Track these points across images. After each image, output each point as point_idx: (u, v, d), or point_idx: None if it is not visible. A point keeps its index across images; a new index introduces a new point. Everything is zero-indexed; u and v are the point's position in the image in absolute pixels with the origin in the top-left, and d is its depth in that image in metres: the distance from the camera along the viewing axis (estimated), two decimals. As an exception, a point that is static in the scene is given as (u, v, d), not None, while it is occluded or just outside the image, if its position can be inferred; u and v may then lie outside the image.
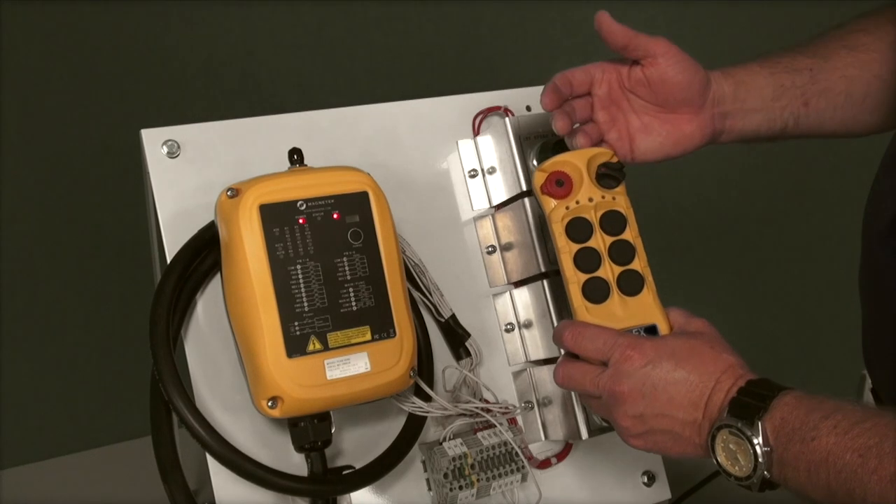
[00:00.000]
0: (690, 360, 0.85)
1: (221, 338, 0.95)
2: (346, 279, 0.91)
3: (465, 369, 1.03)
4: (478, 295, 1.09)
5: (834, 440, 0.75)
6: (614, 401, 0.87)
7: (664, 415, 0.85)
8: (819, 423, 0.76)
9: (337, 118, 1.05)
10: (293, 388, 0.88)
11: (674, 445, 0.86)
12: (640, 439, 0.88)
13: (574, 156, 0.96)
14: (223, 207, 0.91)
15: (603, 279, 0.93)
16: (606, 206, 0.95)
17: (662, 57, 0.96)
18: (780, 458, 0.78)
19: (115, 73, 1.48)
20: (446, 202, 1.09)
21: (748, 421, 0.80)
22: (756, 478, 0.80)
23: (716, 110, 1.00)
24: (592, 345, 0.89)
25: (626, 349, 0.87)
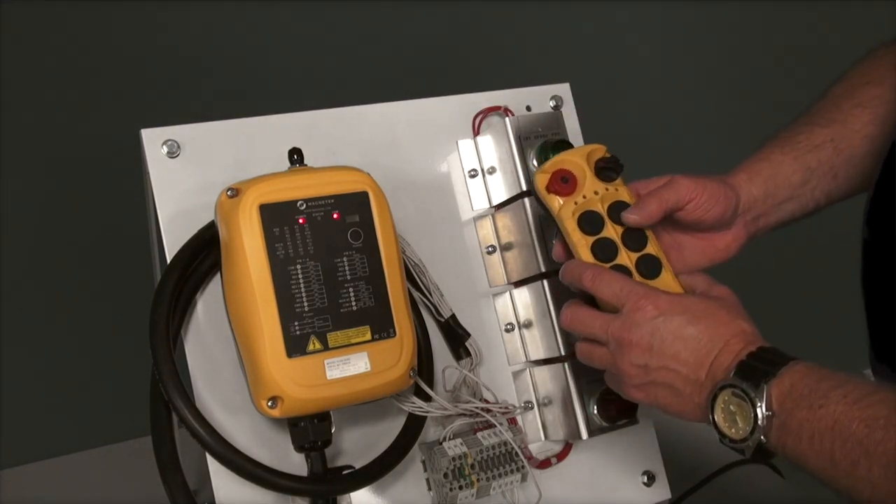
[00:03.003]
0: (703, 320, 0.86)
1: (221, 338, 0.94)
2: (346, 279, 0.91)
3: (465, 369, 1.03)
4: (478, 295, 1.08)
5: (842, 409, 0.74)
6: (620, 348, 0.87)
7: (668, 368, 0.85)
8: (829, 392, 0.76)
9: (337, 118, 1.05)
10: (293, 387, 0.87)
11: (672, 401, 0.86)
12: (640, 390, 0.88)
13: (572, 154, 0.97)
14: (223, 207, 0.90)
15: (623, 266, 0.94)
16: (612, 197, 0.96)
17: (690, 203, 0.96)
18: (783, 423, 0.78)
19: (114, 72, 1.48)
20: (446, 202, 1.09)
21: (753, 383, 0.79)
22: (752, 441, 0.80)
23: (748, 217, 1.01)
24: (609, 288, 0.89)
25: (640, 298, 0.87)
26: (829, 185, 1.03)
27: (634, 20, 1.93)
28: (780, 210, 1.03)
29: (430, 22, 1.69)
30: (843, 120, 1.03)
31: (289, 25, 1.59)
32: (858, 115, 1.03)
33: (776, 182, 1.02)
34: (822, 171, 1.03)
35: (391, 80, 1.63)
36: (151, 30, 1.50)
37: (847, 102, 1.04)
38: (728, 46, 2.04)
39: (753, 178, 1.02)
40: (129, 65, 1.49)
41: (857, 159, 1.03)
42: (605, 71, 1.85)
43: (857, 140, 1.02)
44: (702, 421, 0.85)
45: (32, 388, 1.51)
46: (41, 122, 1.45)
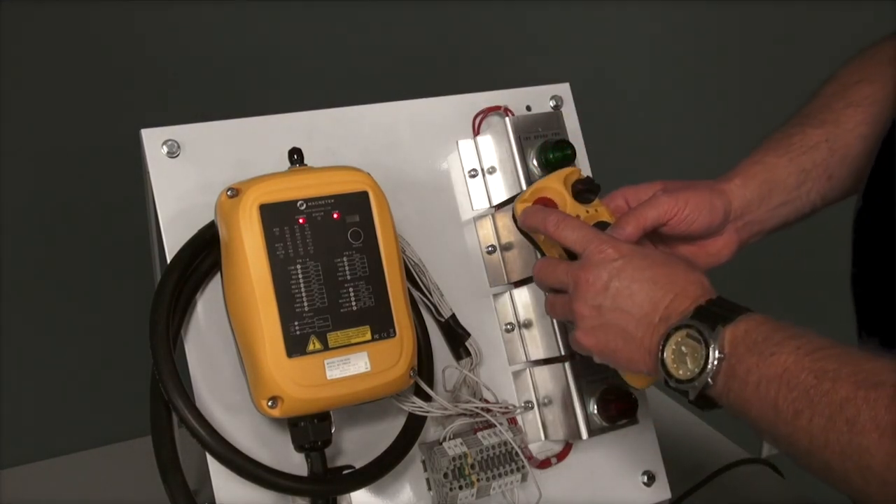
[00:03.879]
0: (662, 267, 0.86)
1: (221, 338, 0.94)
2: (346, 279, 0.91)
3: (465, 369, 1.03)
4: (478, 295, 1.08)
5: (794, 359, 0.74)
6: (577, 289, 0.87)
7: (622, 309, 0.85)
8: (783, 341, 0.75)
9: (337, 118, 1.05)
10: (293, 387, 0.87)
11: (622, 346, 0.86)
12: (590, 335, 0.87)
13: (550, 180, 0.97)
14: (223, 207, 0.90)
15: None
16: (592, 218, 0.96)
17: (672, 219, 0.96)
18: (732, 368, 0.77)
19: (114, 72, 1.48)
20: (446, 202, 1.09)
21: (710, 325, 0.79)
22: (699, 382, 0.79)
23: (740, 222, 1.01)
24: (573, 234, 0.90)
25: (601, 243, 0.87)
26: (825, 187, 1.03)
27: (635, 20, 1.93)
28: (775, 214, 1.03)
29: (430, 22, 1.69)
30: (836, 120, 1.03)
31: (289, 25, 1.59)
32: (851, 115, 1.02)
33: (771, 186, 1.01)
34: (816, 172, 1.02)
35: (391, 79, 1.63)
36: (151, 30, 1.50)
37: (839, 102, 1.04)
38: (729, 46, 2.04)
39: (748, 183, 1.01)
40: (129, 65, 1.49)
41: (852, 159, 1.02)
42: (605, 71, 1.85)
43: (851, 140, 1.02)
44: (649, 369, 0.85)
45: (32, 387, 1.51)
46: (40, 122, 1.45)
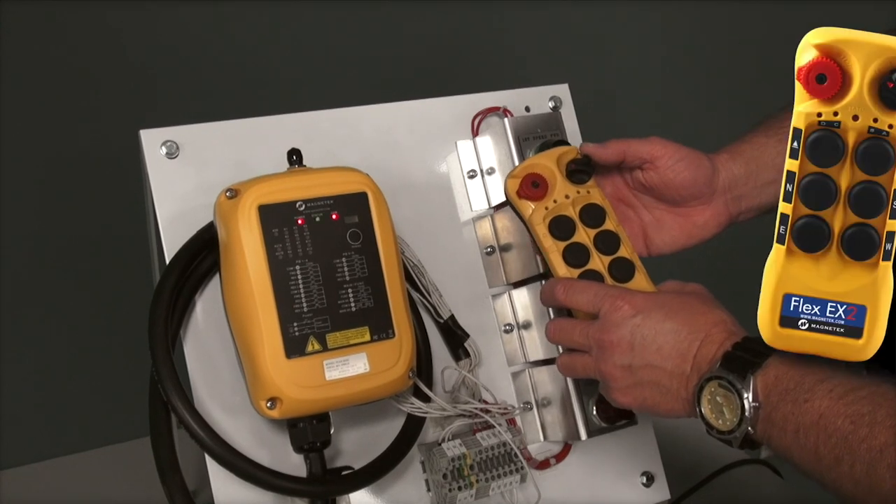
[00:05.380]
0: (681, 313, 0.85)
1: (220, 339, 0.94)
2: (345, 280, 0.91)
3: (464, 370, 1.03)
4: (477, 296, 1.08)
5: (827, 404, 0.73)
6: (602, 352, 0.87)
7: (652, 365, 0.85)
8: (814, 386, 0.75)
9: (336, 119, 1.05)
10: (292, 388, 0.87)
11: (661, 400, 0.85)
12: (627, 394, 0.87)
13: (543, 157, 0.97)
14: (222, 208, 0.90)
15: (595, 271, 0.94)
16: (583, 200, 0.96)
17: (659, 160, 0.97)
18: (768, 416, 0.77)
19: (113, 73, 1.48)
20: (445, 203, 1.09)
21: (740, 374, 0.78)
22: (739, 433, 0.79)
23: (729, 196, 1.00)
24: (584, 296, 0.89)
25: (616, 299, 0.87)
26: None
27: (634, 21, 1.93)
28: (764, 192, 1.01)
29: (428, 23, 1.69)
30: None
31: (288, 26, 1.59)
32: None
33: (759, 163, 1.01)
34: None
35: (390, 80, 1.63)
36: (150, 31, 1.50)
37: None
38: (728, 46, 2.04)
39: (735, 158, 1.01)
40: (128, 65, 1.49)
41: None
42: (604, 71, 1.85)
43: None
44: (689, 415, 0.85)
45: (32, 388, 1.51)
46: (40, 124, 1.45)
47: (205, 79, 1.52)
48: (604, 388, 0.90)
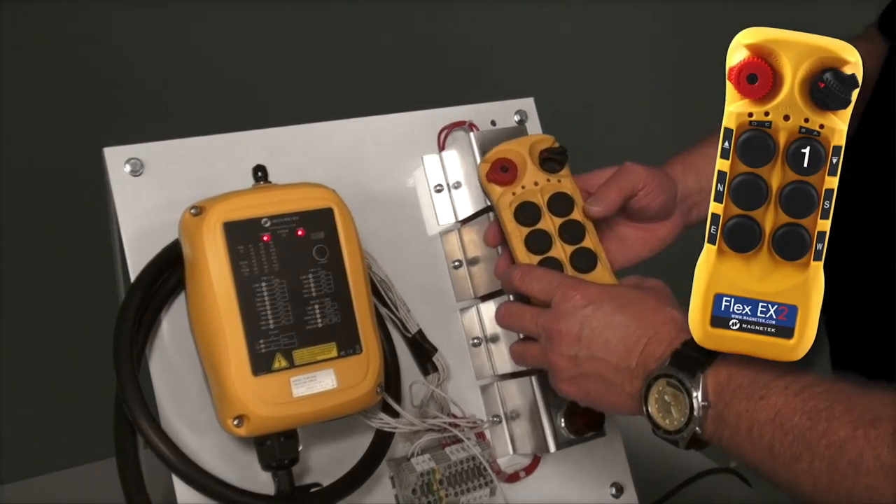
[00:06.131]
0: (631, 308, 0.85)
1: (186, 357, 0.94)
2: (312, 296, 0.91)
3: (433, 384, 1.03)
4: (445, 310, 1.08)
5: (784, 400, 0.72)
6: (550, 341, 0.87)
7: (597, 358, 0.84)
8: (770, 383, 0.74)
9: (301, 135, 1.05)
10: (259, 406, 0.87)
11: (604, 393, 0.85)
12: (571, 384, 0.87)
13: (516, 143, 0.98)
14: (187, 226, 0.90)
15: (556, 259, 0.95)
16: (552, 188, 0.97)
17: (641, 190, 0.97)
18: (720, 414, 0.76)
19: (77, 90, 1.47)
20: (412, 217, 1.09)
21: (689, 373, 0.77)
22: (686, 433, 0.78)
23: (684, 206, 1.02)
24: (539, 284, 0.90)
25: (568, 289, 0.87)
26: None
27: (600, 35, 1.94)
28: None
29: (393, 38, 1.69)
30: None
31: (253, 42, 1.59)
32: None
33: (708, 175, 0.97)
34: None
35: (355, 95, 1.64)
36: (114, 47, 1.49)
37: None
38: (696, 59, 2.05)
39: (688, 170, 1.02)
40: (92, 82, 1.48)
41: None
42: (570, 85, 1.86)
43: None
44: (634, 413, 0.84)
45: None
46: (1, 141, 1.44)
47: (168, 96, 1.52)
48: (551, 377, 0.90)
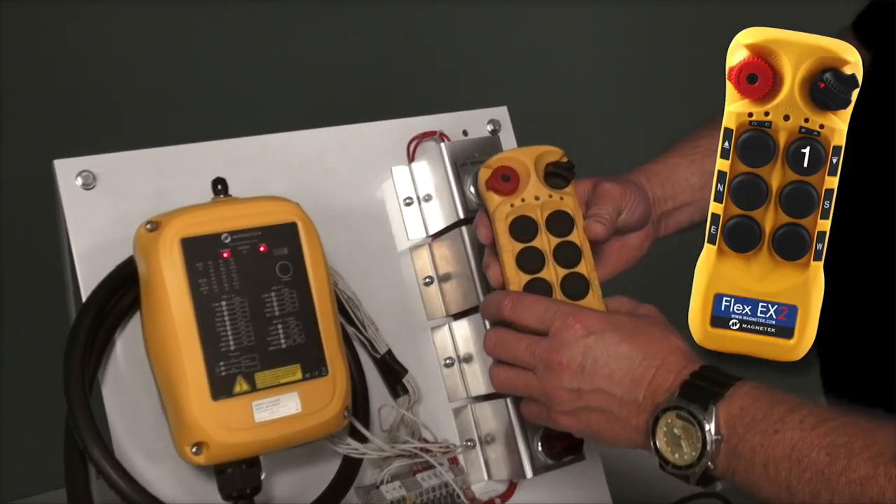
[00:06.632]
0: (636, 338, 0.83)
1: (142, 381, 0.92)
2: (275, 315, 0.90)
3: (403, 408, 1.02)
4: (415, 329, 1.08)
5: (800, 435, 0.72)
6: (550, 372, 0.84)
7: (602, 390, 0.83)
8: (785, 416, 0.74)
9: (263, 146, 1.04)
10: (219, 432, 0.86)
11: (608, 427, 0.83)
12: (572, 417, 0.85)
13: (522, 152, 0.96)
14: (142, 242, 0.89)
15: (546, 281, 0.92)
16: (553, 205, 0.95)
17: (626, 208, 0.97)
18: (734, 449, 0.75)
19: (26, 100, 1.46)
20: (380, 232, 1.08)
21: (701, 405, 0.76)
22: (699, 468, 0.77)
23: (654, 216, 1.01)
24: (533, 313, 0.87)
25: (567, 317, 0.85)
26: None
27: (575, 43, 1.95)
28: (682, 213, 1.03)
29: (360, 44, 1.69)
30: None
31: (211, 48, 1.58)
32: None
33: (673, 184, 1.02)
34: None
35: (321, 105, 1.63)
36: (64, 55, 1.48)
37: None
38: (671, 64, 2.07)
39: (652, 179, 1.02)
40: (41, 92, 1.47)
41: None
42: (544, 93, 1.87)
43: None
44: (640, 447, 0.83)
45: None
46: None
47: (123, 106, 1.51)
48: (547, 409, 0.88)
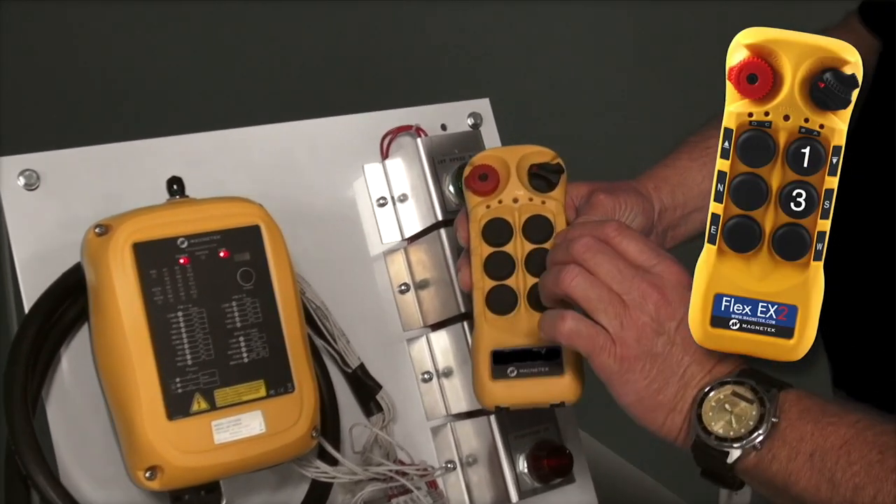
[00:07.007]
0: None
1: (90, 399, 0.91)
2: (236, 327, 0.89)
3: (377, 427, 1.00)
4: (390, 340, 1.06)
5: (854, 432, 0.74)
6: (644, 301, 0.81)
7: (676, 344, 0.81)
8: (841, 412, 0.76)
9: (223, 142, 1.02)
10: (175, 455, 0.84)
11: (659, 379, 0.81)
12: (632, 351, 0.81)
13: (507, 151, 0.95)
14: (91, 247, 0.87)
15: (511, 289, 0.91)
16: (533, 209, 0.93)
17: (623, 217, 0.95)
18: (781, 433, 0.77)
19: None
20: (352, 235, 1.06)
21: (764, 385, 0.78)
22: (747, 442, 0.77)
23: (659, 229, 1.01)
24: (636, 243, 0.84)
25: (672, 263, 0.84)
26: None
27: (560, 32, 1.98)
28: (690, 221, 1.03)
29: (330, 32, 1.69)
30: None
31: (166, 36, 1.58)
32: None
33: (684, 190, 1.02)
34: None
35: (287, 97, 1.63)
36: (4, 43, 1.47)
37: None
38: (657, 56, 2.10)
39: (661, 186, 1.02)
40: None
41: None
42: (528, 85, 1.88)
43: None
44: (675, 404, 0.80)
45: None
46: None
47: (70, 98, 1.49)
48: (608, 338, 0.82)
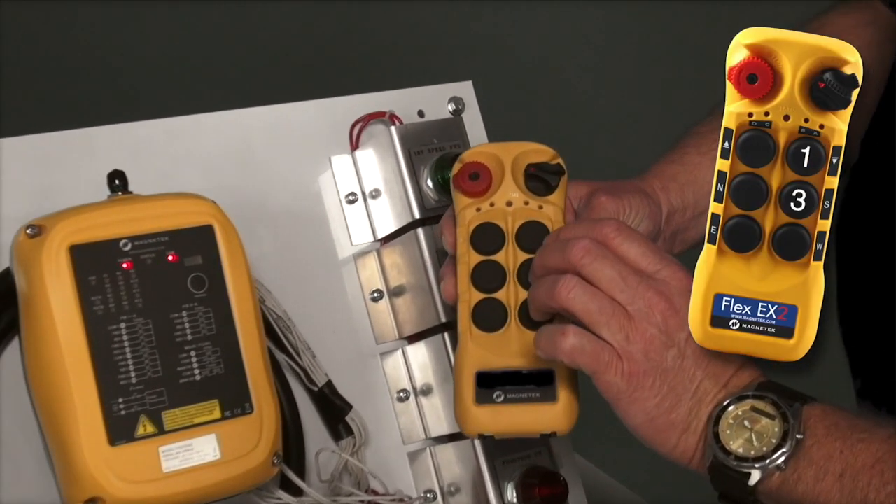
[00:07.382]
0: None
1: (21, 422, 0.87)
2: (187, 340, 0.86)
3: (346, 452, 0.97)
4: (361, 355, 1.02)
5: (886, 448, 0.73)
6: (649, 311, 0.80)
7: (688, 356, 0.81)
8: (871, 428, 0.75)
9: (172, 130, 0.99)
10: (118, 485, 0.81)
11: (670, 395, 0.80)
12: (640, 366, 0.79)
13: (502, 147, 0.91)
14: (21, 250, 0.84)
15: (501, 303, 0.87)
16: (528, 214, 0.89)
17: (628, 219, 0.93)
18: (807, 452, 0.76)
19: None
20: (318, 236, 1.03)
21: (786, 400, 0.77)
22: (770, 462, 0.76)
23: (667, 232, 0.98)
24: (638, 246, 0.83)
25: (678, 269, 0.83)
26: None
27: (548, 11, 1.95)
28: (701, 222, 0.98)
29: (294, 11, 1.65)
30: None
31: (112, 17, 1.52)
32: None
33: (695, 189, 1.00)
34: None
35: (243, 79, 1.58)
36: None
37: None
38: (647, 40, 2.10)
39: (668, 185, 0.99)
40: None
41: None
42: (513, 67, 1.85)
43: None
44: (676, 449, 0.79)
45: None
46: None
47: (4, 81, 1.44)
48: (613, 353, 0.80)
